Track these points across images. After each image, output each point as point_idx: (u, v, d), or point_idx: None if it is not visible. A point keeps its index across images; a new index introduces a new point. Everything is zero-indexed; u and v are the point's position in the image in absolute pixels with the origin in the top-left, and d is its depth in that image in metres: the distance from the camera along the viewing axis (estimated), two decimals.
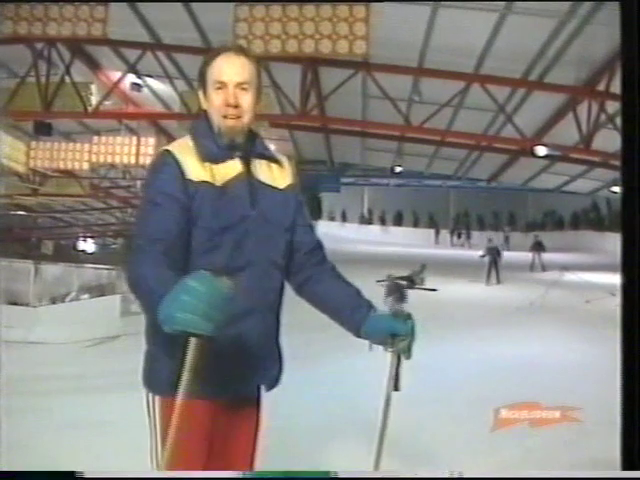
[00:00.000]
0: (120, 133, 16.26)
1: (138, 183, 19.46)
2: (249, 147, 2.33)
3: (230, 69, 2.24)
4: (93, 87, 13.71)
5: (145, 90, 15.15)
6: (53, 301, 17.26)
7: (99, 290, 19.47)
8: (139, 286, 2.01)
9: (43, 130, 14.67)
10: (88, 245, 28.83)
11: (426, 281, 16.11)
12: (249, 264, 2.23)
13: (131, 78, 14.32)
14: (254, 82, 2.29)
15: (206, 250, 2.19)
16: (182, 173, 2.19)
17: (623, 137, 2.88)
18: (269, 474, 2.66)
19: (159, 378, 2.21)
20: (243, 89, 2.25)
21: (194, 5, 11.23)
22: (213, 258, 2.18)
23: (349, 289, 2.46)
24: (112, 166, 17.17)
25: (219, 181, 2.23)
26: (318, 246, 2.50)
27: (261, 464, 2.42)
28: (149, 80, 14.84)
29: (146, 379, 2.30)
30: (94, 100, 13.54)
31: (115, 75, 14.00)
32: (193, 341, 1.83)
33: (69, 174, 18.21)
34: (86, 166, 16.02)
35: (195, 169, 2.21)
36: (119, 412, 6.46)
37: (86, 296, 18.59)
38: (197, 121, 2.38)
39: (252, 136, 2.36)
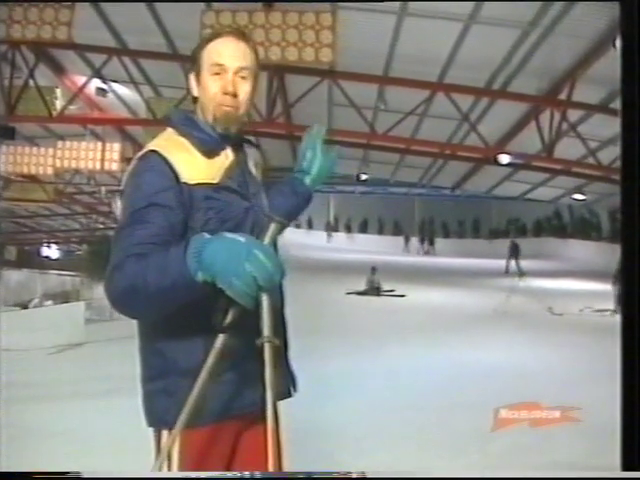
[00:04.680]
0: (85, 138, 16.16)
1: (103, 189, 19.37)
2: (240, 135, 2.13)
3: (230, 53, 2.03)
4: (58, 91, 13.57)
5: (110, 95, 15.05)
6: (16, 307, 17.07)
7: (63, 296, 19.32)
8: (141, 288, 1.72)
9: (6, 134, 14.42)
10: (52, 251, 28.58)
11: (385, 285, 16.34)
12: None
13: (96, 83, 14.22)
14: (253, 71, 2.08)
15: None
16: (176, 176, 1.91)
17: (623, 144, 2.94)
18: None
19: (176, 411, 1.82)
20: (242, 77, 2.03)
21: (160, 11, 11.21)
22: None
23: None
24: (77, 171, 17.06)
25: (216, 177, 1.99)
26: None
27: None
28: (115, 85, 14.76)
29: (163, 417, 1.96)
30: (59, 104, 13.41)
31: (80, 80, 13.91)
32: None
33: (33, 179, 18.06)
34: (50, 171, 15.91)
35: (189, 169, 1.94)
36: (82, 420, 6.41)
37: (50, 302, 18.43)
38: (180, 113, 2.14)
39: (243, 125, 2.14)
